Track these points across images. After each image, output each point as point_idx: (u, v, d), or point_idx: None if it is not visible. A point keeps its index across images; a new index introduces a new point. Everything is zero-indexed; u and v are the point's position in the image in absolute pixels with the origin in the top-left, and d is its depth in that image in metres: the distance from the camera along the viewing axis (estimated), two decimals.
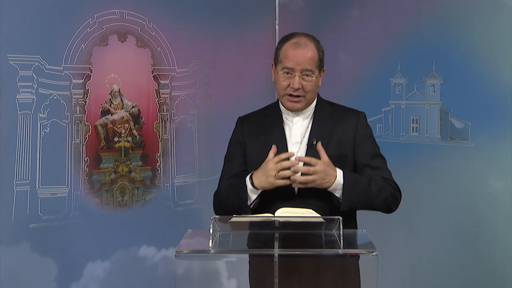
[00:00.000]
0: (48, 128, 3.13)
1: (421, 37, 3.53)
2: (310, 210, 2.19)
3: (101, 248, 3.33)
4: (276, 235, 2.00)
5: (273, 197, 2.30)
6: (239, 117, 2.52)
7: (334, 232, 1.99)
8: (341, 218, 1.95)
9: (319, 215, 2.16)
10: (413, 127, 3.61)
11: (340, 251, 1.91)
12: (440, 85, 3.49)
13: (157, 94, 3.55)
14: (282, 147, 2.33)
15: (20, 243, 3.03)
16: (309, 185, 2.22)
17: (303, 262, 1.97)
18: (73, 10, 3.19)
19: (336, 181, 2.22)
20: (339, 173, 2.24)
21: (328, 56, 3.83)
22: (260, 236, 2.05)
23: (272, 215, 2.16)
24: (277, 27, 4.01)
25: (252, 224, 2.12)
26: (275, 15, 4.03)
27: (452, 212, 3.43)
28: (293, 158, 2.25)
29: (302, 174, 2.22)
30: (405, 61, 3.61)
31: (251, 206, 2.29)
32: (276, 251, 1.90)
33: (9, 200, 3.00)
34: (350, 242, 1.96)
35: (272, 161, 2.23)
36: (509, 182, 3.23)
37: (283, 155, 2.23)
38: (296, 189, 2.31)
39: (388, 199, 2.31)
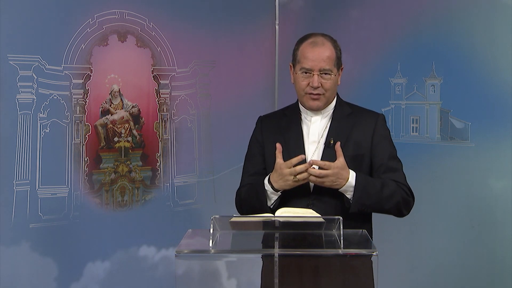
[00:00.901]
0: (48, 128, 3.13)
1: (421, 37, 3.53)
2: (310, 210, 2.19)
3: (101, 248, 3.33)
4: (276, 235, 2.00)
5: (289, 196, 2.33)
6: (259, 116, 2.55)
7: (334, 232, 1.99)
8: (341, 218, 1.95)
9: (319, 215, 2.16)
10: (413, 127, 3.61)
11: (340, 251, 1.91)
12: (440, 85, 3.49)
13: (157, 94, 3.55)
14: (300, 146, 2.36)
15: (20, 243, 3.03)
16: (320, 185, 2.26)
17: (303, 262, 1.97)
18: (73, 10, 3.19)
19: (347, 183, 2.24)
20: (352, 175, 2.25)
21: None
22: (260, 236, 2.05)
23: (272, 215, 2.16)
24: (277, 27, 4.01)
25: (252, 224, 2.12)
26: (275, 15, 4.03)
27: (452, 212, 3.43)
28: (308, 159, 2.30)
29: None
30: (405, 61, 3.61)
31: (271, 207, 2.32)
32: (276, 251, 1.90)
33: (9, 200, 3.00)
34: (350, 242, 1.96)
35: (285, 166, 2.26)
36: (509, 182, 3.23)
37: (295, 160, 2.25)
38: (311, 188, 2.34)
39: (399, 204, 2.32)
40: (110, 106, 3.37)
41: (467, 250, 3.37)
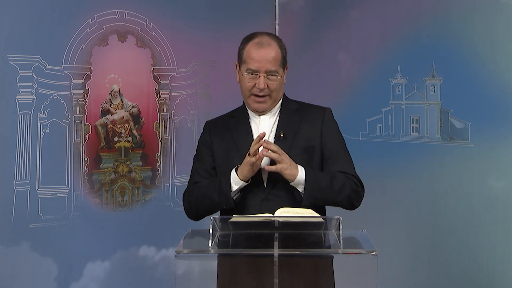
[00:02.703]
0: (48, 128, 3.14)
1: (421, 37, 3.53)
2: (310, 210, 2.19)
3: (101, 248, 3.33)
4: (276, 235, 2.00)
5: (245, 191, 2.31)
6: (207, 121, 2.53)
7: (334, 232, 1.99)
8: (341, 218, 1.96)
9: (319, 215, 2.16)
10: (413, 127, 3.61)
11: (340, 251, 1.91)
12: (440, 85, 3.49)
13: (157, 94, 3.55)
14: (249, 142, 2.33)
15: (20, 243, 3.03)
16: (278, 167, 2.21)
17: (302, 262, 1.97)
18: (73, 10, 3.20)
19: (298, 177, 2.24)
20: (301, 169, 2.25)
21: (328, 56, 3.88)
22: (260, 236, 2.05)
23: (272, 215, 2.16)
24: (277, 27, 4.01)
25: (251, 224, 2.12)
26: (275, 15, 4.03)
27: (452, 212, 3.43)
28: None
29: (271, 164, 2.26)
30: (405, 61, 3.61)
31: (234, 198, 2.28)
32: (276, 251, 1.90)
33: (9, 200, 3.00)
34: (350, 242, 1.96)
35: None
36: (509, 182, 3.23)
37: (256, 139, 2.22)
38: (265, 183, 2.33)
39: (350, 196, 2.32)
40: (110, 106, 3.37)
41: (467, 250, 3.37)
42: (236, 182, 2.27)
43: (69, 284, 3.23)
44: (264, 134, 2.23)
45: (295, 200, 2.28)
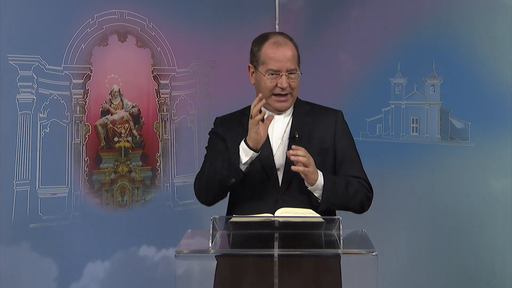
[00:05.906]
0: (48, 128, 3.14)
1: (421, 37, 3.53)
2: (310, 210, 2.19)
3: (101, 248, 3.33)
4: (276, 235, 2.00)
5: (259, 191, 2.31)
6: (217, 117, 2.52)
7: (334, 232, 2.00)
8: (341, 218, 1.96)
9: (319, 215, 2.16)
10: (413, 127, 3.61)
11: (340, 251, 1.91)
12: (440, 85, 3.49)
13: (157, 94, 3.55)
14: (266, 143, 2.32)
15: (20, 243, 3.03)
16: (306, 170, 2.20)
17: (302, 262, 1.97)
18: (73, 10, 3.20)
19: (317, 182, 2.25)
20: (320, 174, 2.26)
21: (328, 56, 3.88)
22: (260, 236, 2.05)
23: (272, 215, 2.16)
24: (277, 27, 4.01)
25: (252, 224, 2.12)
26: (275, 15, 4.03)
27: (452, 212, 3.43)
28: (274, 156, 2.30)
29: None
30: (405, 61, 3.61)
31: (243, 169, 2.25)
32: (276, 251, 1.90)
33: (9, 200, 3.00)
34: (350, 242, 1.96)
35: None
36: (509, 182, 3.23)
37: (256, 99, 2.22)
38: (280, 183, 2.32)
39: (363, 201, 2.36)
40: (110, 106, 3.38)
41: (467, 250, 3.37)
42: (246, 151, 2.24)
43: (69, 284, 3.23)
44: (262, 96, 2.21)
45: (310, 203, 2.28)
